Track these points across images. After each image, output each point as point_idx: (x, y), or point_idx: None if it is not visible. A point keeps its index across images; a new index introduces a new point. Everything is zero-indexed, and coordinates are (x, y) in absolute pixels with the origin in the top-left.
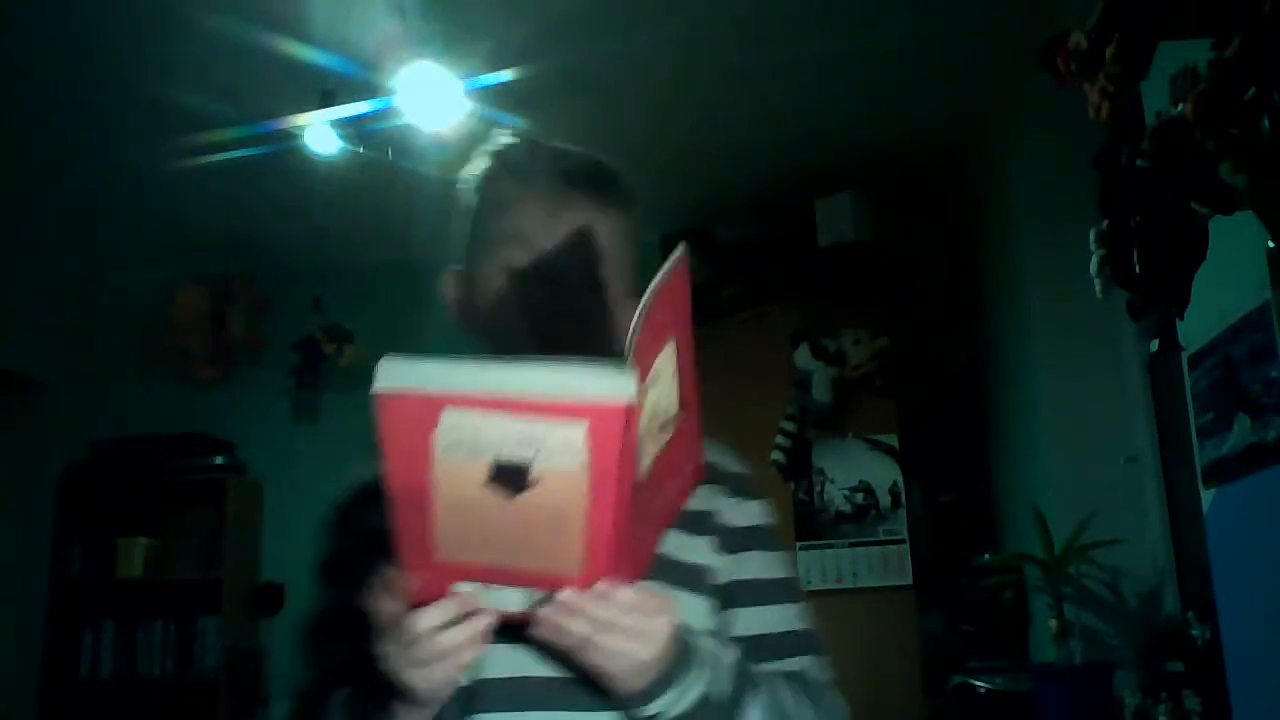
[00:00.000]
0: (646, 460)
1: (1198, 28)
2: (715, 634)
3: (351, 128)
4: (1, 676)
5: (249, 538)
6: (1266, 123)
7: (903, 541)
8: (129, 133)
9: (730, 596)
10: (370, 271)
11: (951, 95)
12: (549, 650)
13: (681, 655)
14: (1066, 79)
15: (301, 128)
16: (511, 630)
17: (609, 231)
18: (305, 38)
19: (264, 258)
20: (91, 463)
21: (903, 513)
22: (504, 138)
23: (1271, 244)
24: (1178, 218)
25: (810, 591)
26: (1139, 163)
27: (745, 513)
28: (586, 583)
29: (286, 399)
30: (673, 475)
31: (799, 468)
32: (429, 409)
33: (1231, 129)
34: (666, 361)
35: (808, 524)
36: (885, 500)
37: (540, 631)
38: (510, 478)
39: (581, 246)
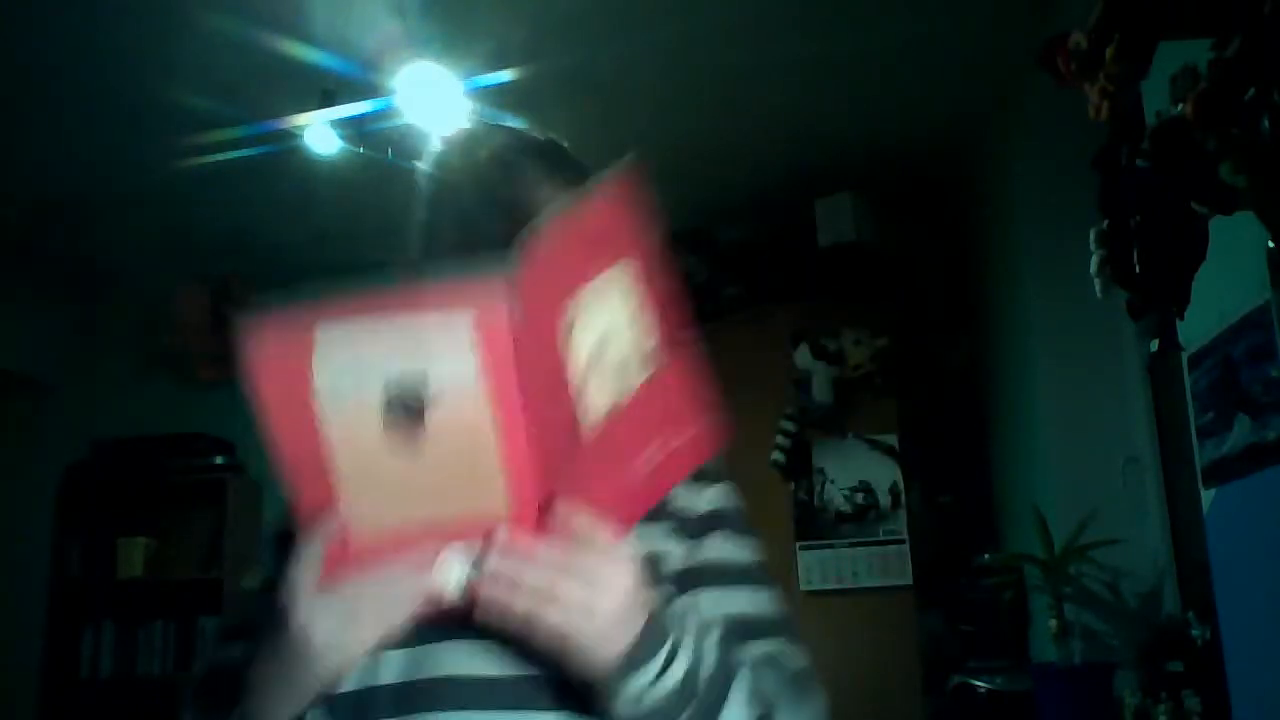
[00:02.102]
0: (597, 407)
1: (1198, 28)
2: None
3: (351, 128)
4: (1, 676)
5: (249, 538)
6: (1266, 123)
7: (903, 541)
8: (129, 133)
9: (693, 579)
10: (370, 271)
11: (951, 95)
12: (502, 642)
13: (654, 619)
14: (1066, 79)
15: (301, 128)
16: (455, 622)
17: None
18: (305, 38)
19: (264, 258)
20: (91, 463)
21: (903, 513)
22: (451, 130)
23: (1271, 244)
24: (1178, 218)
25: (810, 591)
26: (1139, 163)
27: (705, 497)
28: (518, 522)
29: None
30: (651, 433)
31: (799, 468)
32: (298, 332)
33: (1231, 129)
34: (615, 287)
35: (808, 524)
36: (885, 500)
37: (488, 600)
38: (406, 405)
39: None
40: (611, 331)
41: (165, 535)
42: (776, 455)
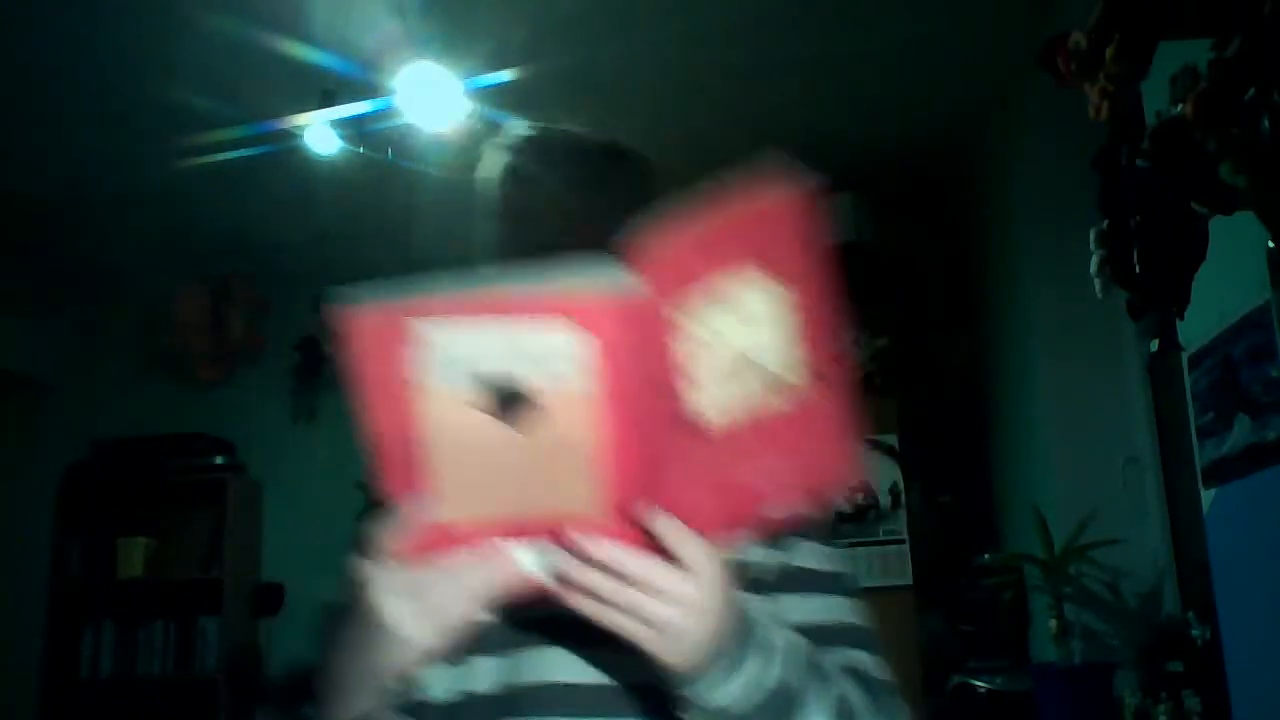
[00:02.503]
0: (722, 409)
1: (1198, 28)
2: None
3: (351, 128)
4: (1, 676)
5: (249, 538)
6: (1266, 123)
7: (903, 541)
8: (129, 133)
9: (777, 584)
10: (370, 271)
11: (952, 95)
12: (588, 652)
13: (741, 628)
14: (1066, 79)
15: (301, 128)
16: (534, 613)
17: (623, 224)
18: (305, 38)
19: (264, 258)
20: (91, 463)
21: (903, 513)
22: (516, 130)
23: (1271, 244)
24: (1178, 218)
25: None
26: (1139, 163)
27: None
28: (610, 529)
29: (286, 399)
30: (783, 454)
31: None
32: (400, 325)
33: (1231, 129)
34: (758, 296)
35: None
36: (885, 500)
37: (560, 593)
38: (505, 400)
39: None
40: (740, 336)
41: (165, 535)
42: None
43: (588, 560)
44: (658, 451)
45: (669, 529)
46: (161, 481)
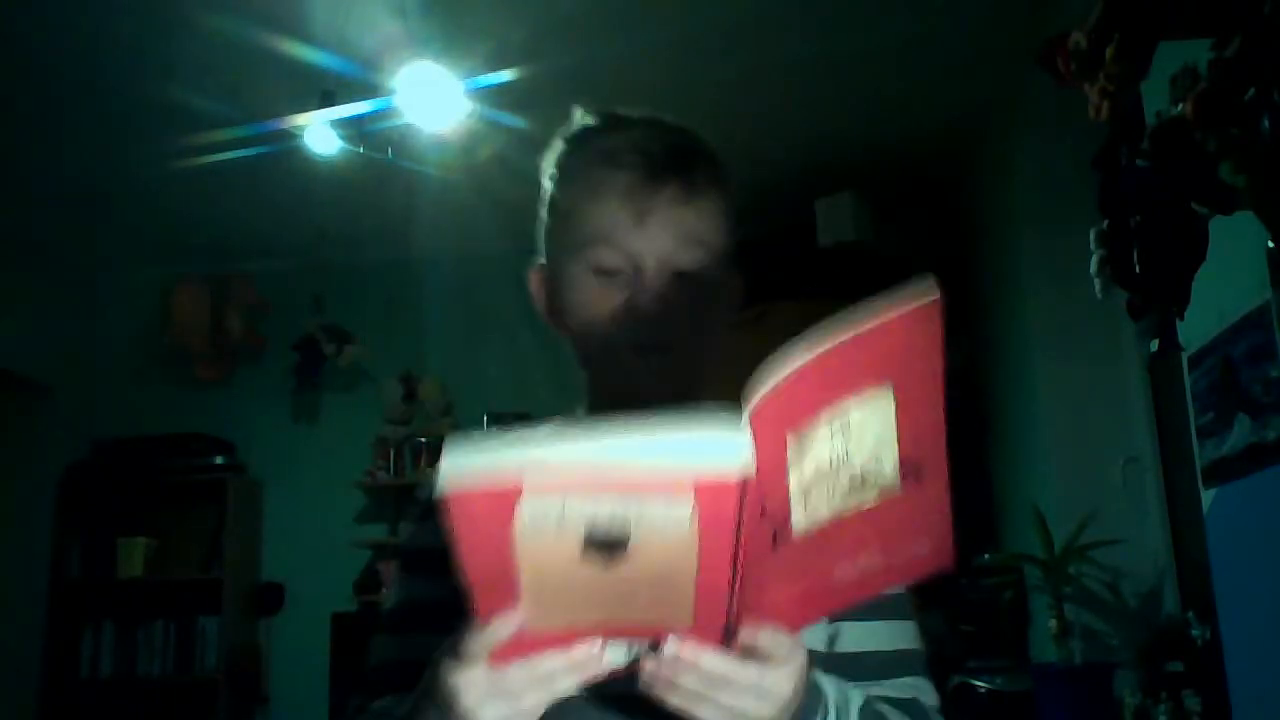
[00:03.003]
0: (811, 514)
1: (1198, 28)
2: (831, 660)
3: (351, 128)
4: (1, 676)
5: (249, 538)
6: (1266, 123)
7: None
8: (129, 133)
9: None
10: (370, 271)
11: (952, 95)
12: (652, 711)
13: (809, 706)
14: (1066, 79)
15: (301, 128)
16: (612, 688)
17: (704, 220)
18: (305, 38)
19: (264, 258)
20: (91, 463)
21: None
22: (584, 118)
23: (1271, 244)
24: (1178, 218)
25: None
26: (1139, 163)
27: None
28: (699, 633)
29: (286, 399)
30: (873, 548)
31: None
32: (507, 500)
33: (1231, 129)
34: (874, 416)
35: None
36: None
37: (646, 687)
38: (605, 548)
39: (675, 241)
40: (850, 452)
41: (165, 535)
42: None
43: (675, 663)
44: (757, 561)
45: (752, 634)
46: (161, 481)
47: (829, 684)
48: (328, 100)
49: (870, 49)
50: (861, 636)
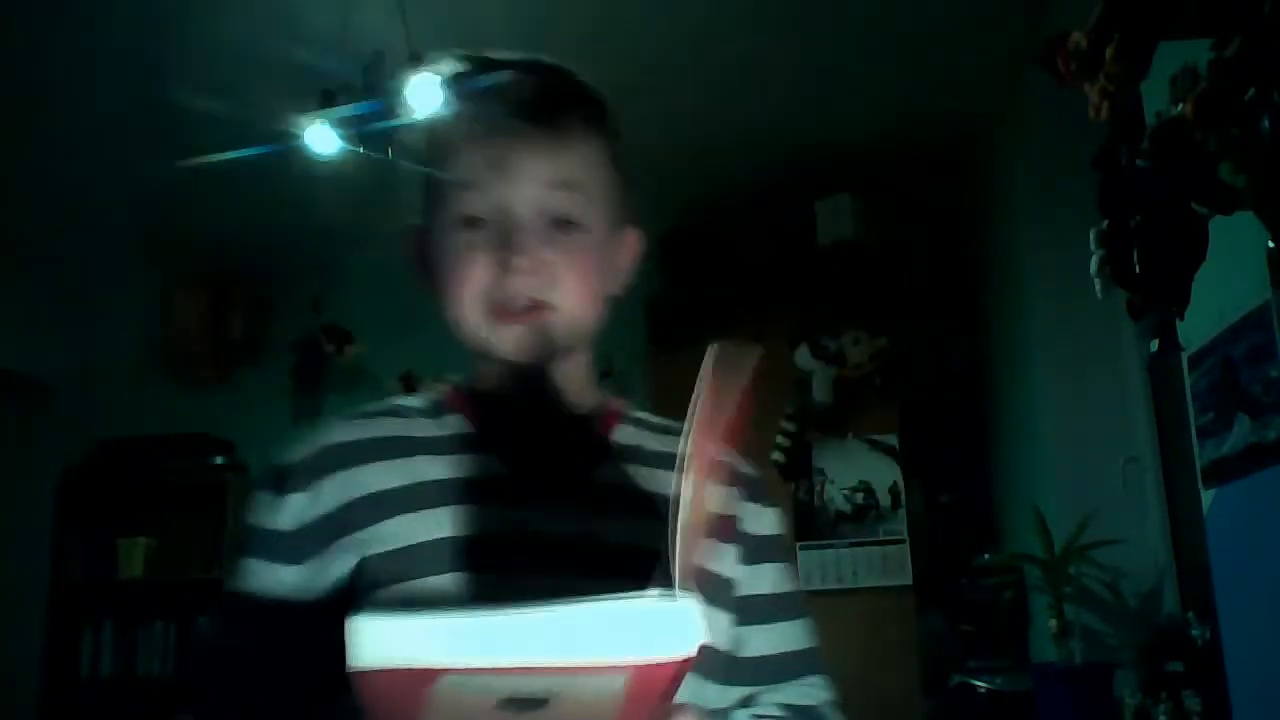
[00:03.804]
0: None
1: (1198, 28)
2: (738, 666)
3: (351, 128)
4: (1, 676)
5: None
6: (1266, 123)
7: (903, 541)
8: (129, 133)
9: (744, 611)
10: (370, 271)
11: (952, 95)
12: None
13: None
14: (1066, 79)
15: (301, 128)
16: None
17: (577, 164)
18: (305, 38)
19: (264, 258)
20: (91, 463)
21: (903, 513)
22: (455, 64)
23: (1271, 244)
24: (1178, 218)
25: (810, 592)
26: (1139, 163)
27: (765, 521)
28: None
29: (286, 399)
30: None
31: (799, 468)
32: (423, 678)
33: (1231, 129)
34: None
35: (808, 524)
36: (885, 500)
37: None
38: (523, 706)
39: (543, 186)
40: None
41: (165, 535)
42: (776, 455)
43: None
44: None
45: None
46: (161, 481)
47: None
48: (328, 100)
49: (870, 49)
50: (765, 641)
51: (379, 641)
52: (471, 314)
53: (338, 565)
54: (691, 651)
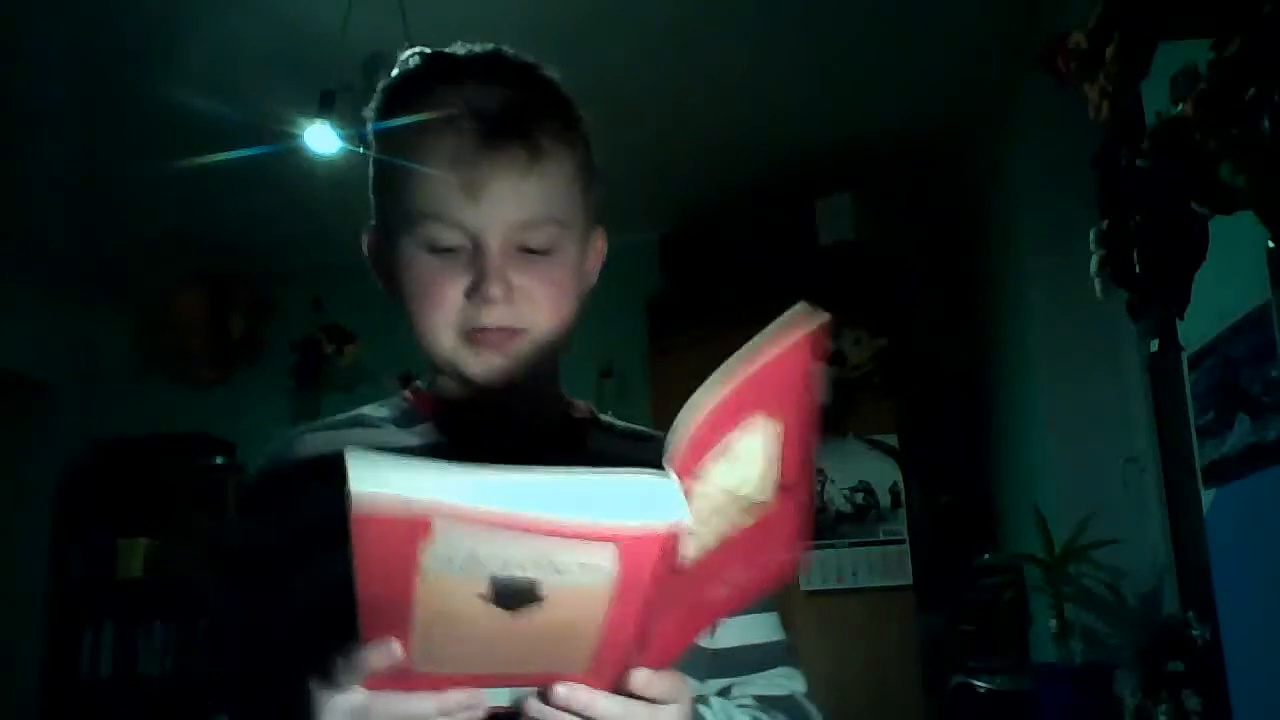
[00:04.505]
0: (701, 543)
1: (1198, 28)
2: (712, 657)
3: (351, 128)
4: (1, 676)
5: None
6: (1266, 123)
7: (903, 541)
8: (129, 133)
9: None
10: (370, 272)
11: (951, 95)
12: None
13: None
14: (1066, 79)
15: (301, 128)
16: None
17: (552, 188)
18: (305, 38)
19: (264, 258)
20: (91, 463)
21: (903, 513)
22: (406, 61)
23: (1271, 244)
24: (1178, 218)
25: (810, 592)
26: (1139, 163)
27: None
28: (591, 679)
29: (286, 399)
30: (744, 563)
31: None
32: (413, 531)
33: (1231, 129)
34: (756, 440)
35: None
36: (885, 500)
37: None
38: (512, 596)
39: (518, 215)
40: (740, 478)
41: (165, 535)
42: None
43: (564, 708)
44: (651, 621)
45: (640, 679)
46: (161, 481)
47: (711, 710)
48: (328, 100)
49: (869, 49)
50: (737, 632)
51: (375, 472)
52: (442, 338)
53: (304, 582)
54: (677, 521)
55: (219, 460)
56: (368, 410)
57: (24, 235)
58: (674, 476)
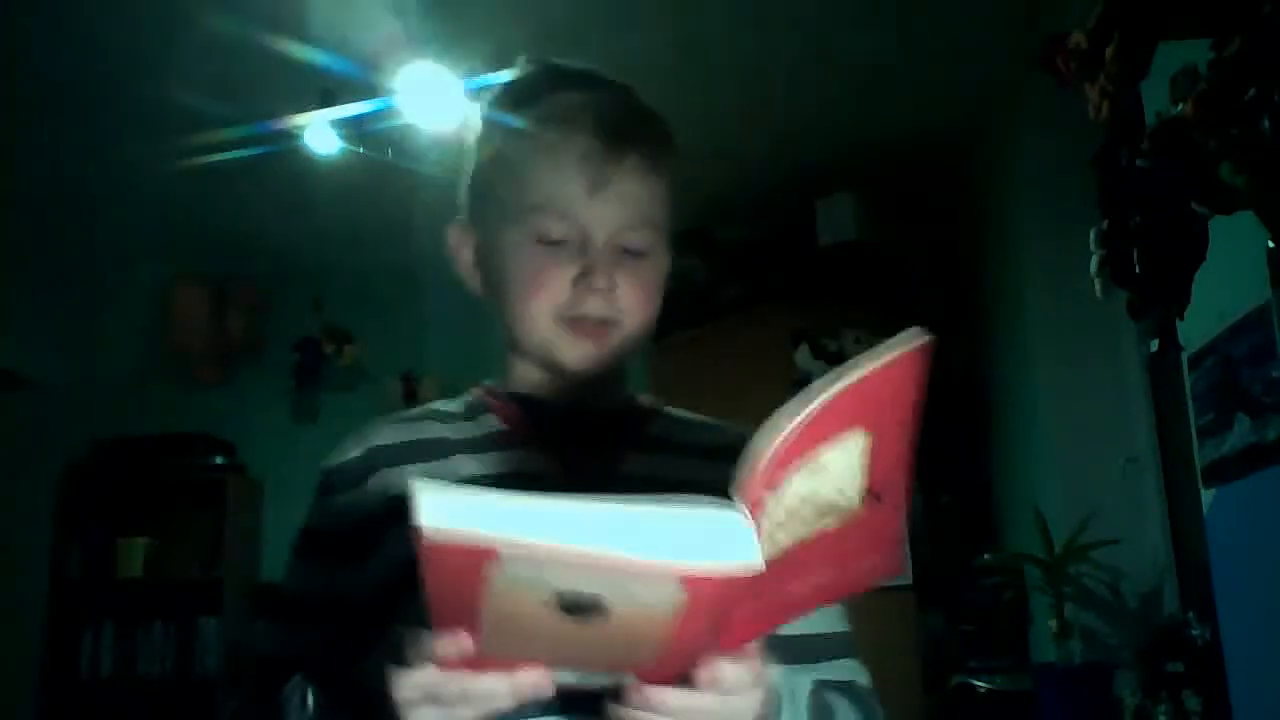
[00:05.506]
0: (779, 544)
1: (1198, 28)
2: (773, 642)
3: (351, 128)
4: (1, 676)
5: (249, 538)
6: (1266, 123)
7: (902, 541)
8: (129, 132)
9: None
10: (370, 271)
11: (951, 95)
12: None
13: (769, 715)
14: (1066, 79)
15: (301, 128)
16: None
17: (658, 196)
18: (305, 38)
19: (264, 258)
20: (91, 463)
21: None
22: (527, 69)
23: (1271, 244)
24: (1178, 218)
25: None
26: (1139, 163)
27: None
28: (660, 671)
29: (286, 399)
30: (828, 564)
31: None
32: (482, 555)
33: (1231, 129)
34: (844, 453)
35: None
36: None
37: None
38: (579, 609)
39: (629, 216)
40: (819, 489)
41: (165, 535)
42: None
43: (639, 706)
44: (720, 626)
45: (714, 668)
46: (161, 481)
47: (778, 678)
48: (328, 100)
49: (869, 49)
50: (801, 620)
51: (441, 508)
52: (541, 325)
53: (383, 564)
54: (743, 566)
55: (219, 460)
56: (440, 405)
57: (24, 235)
58: (742, 507)
